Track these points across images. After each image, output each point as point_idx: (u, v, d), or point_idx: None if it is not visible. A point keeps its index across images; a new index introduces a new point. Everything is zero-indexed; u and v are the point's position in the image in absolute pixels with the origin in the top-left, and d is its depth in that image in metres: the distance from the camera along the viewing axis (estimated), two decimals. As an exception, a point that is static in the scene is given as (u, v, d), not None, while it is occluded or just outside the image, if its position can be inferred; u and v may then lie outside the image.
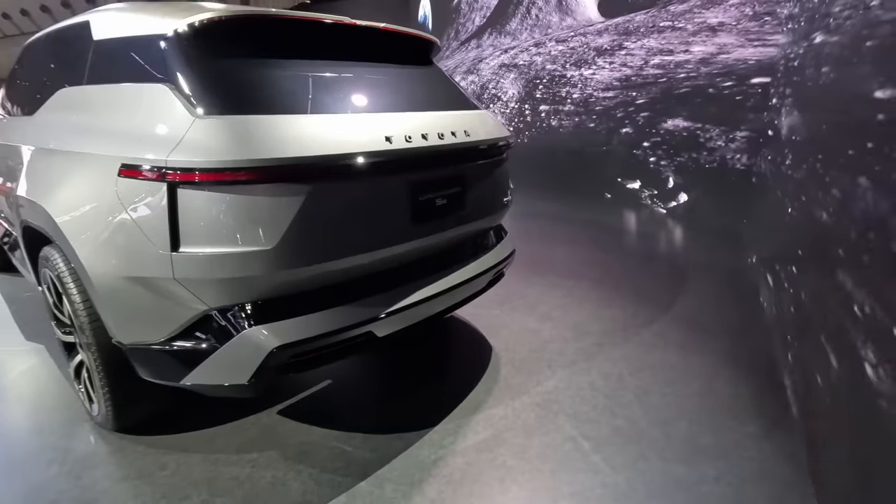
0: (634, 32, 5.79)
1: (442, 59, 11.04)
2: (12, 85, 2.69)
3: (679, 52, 5.21)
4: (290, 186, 1.38)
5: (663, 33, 5.45)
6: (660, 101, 5.41)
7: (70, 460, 1.79)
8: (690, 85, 5.10)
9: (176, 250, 1.37)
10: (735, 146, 4.71)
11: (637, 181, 5.49)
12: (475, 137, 1.89)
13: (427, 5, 11.96)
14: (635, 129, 5.59)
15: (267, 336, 1.44)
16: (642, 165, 5.56)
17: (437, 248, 1.91)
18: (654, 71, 5.48)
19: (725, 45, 4.85)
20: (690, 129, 5.06)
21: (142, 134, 1.45)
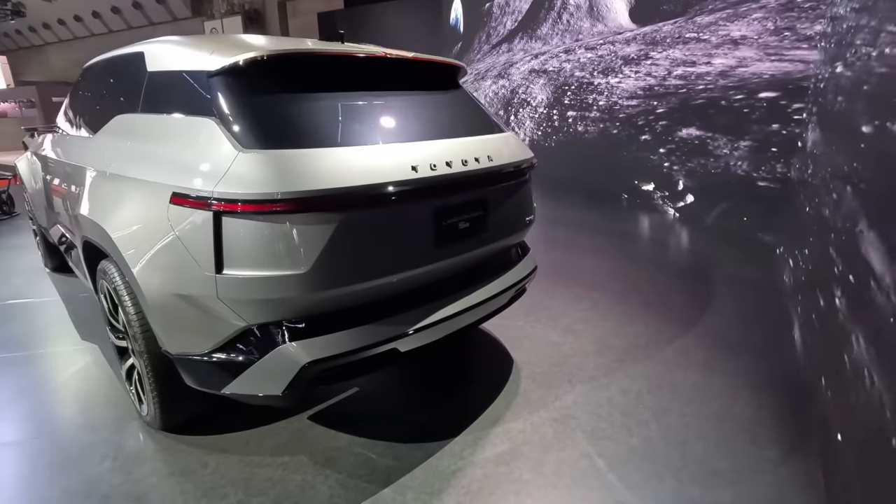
0: (661, 42, 5.94)
1: (473, 63, 11.12)
2: (74, 103, 2.91)
3: (701, 63, 5.38)
4: (322, 215, 1.49)
5: (688, 44, 5.60)
6: (677, 110, 5.67)
7: (121, 456, 1.96)
8: (706, 97, 5.33)
9: (220, 272, 1.50)
10: (738, 154, 5.04)
11: (651, 183, 5.86)
12: (498, 162, 1.96)
13: (459, 8, 12.05)
14: (653, 137, 5.90)
15: (300, 351, 1.56)
16: (657, 169, 5.89)
17: (459, 268, 2.00)
18: (675, 81, 5.67)
19: (745, 58, 5.00)
20: (701, 137, 5.39)
21: (191, 165, 1.58)
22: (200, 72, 1.71)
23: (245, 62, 1.65)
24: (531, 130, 8.57)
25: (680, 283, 3.74)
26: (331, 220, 1.50)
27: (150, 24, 23.16)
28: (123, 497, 1.76)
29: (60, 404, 2.36)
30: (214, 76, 1.67)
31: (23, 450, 2.02)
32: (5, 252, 4.82)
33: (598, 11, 7.06)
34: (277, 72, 1.70)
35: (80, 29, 25.53)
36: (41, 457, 1.97)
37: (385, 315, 1.73)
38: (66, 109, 3.04)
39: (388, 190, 1.58)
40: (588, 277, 3.91)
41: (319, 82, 1.77)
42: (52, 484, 1.82)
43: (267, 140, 1.53)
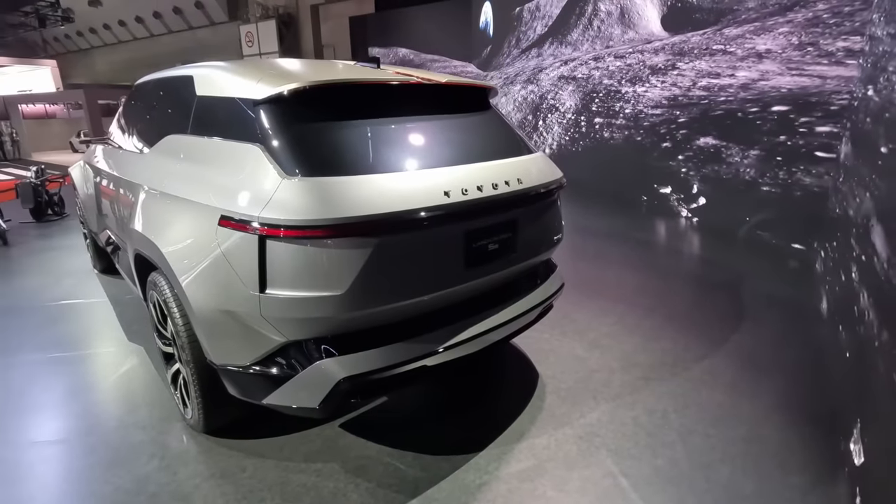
0: (688, 53, 6.06)
1: (502, 67, 11.13)
2: (126, 118, 3.09)
3: (725, 75, 5.54)
4: (358, 240, 1.58)
5: (714, 56, 5.72)
6: (697, 120, 5.89)
7: (167, 456, 2.10)
8: (725, 108, 5.54)
9: (263, 291, 1.60)
10: (747, 162, 5.29)
11: (668, 187, 6.18)
12: (527, 184, 2.01)
13: (489, 12, 12.07)
14: (673, 144, 6.18)
15: (336, 367, 1.65)
16: (675, 175, 6.18)
17: (488, 287, 2.06)
18: (699, 92, 5.84)
19: (767, 72, 5.13)
20: (717, 146, 5.66)
21: (239, 189, 1.69)
22: (247, 100, 1.82)
23: (289, 92, 1.74)
24: (559, 135, 8.58)
25: (709, 298, 3.70)
26: (366, 245, 1.58)
27: (189, 28, 24.00)
28: (170, 496, 1.88)
29: (110, 404, 2.52)
30: (260, 104, 1.77)
31: (77, 446, 2.18)
32: (58, 253, 5.11)
33: (629, 19, 7.01)
34: (318, 100, 1.80)
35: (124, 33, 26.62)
36: (94, 454, 2.12)
37: (416, 333, 1.81)
38: (118, 123, 3.22)
39: (420, 215, 1.65)
40: (614, 290, 3.90)
41: (357, 110, 1.85)
42: (105, 481, 1.96)
43: (309, 168, 1.62)
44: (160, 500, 1.86)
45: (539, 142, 9.06)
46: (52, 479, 2.00)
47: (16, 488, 1.96)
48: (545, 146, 8.85)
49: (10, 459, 2.11)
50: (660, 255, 5.00)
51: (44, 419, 2.39)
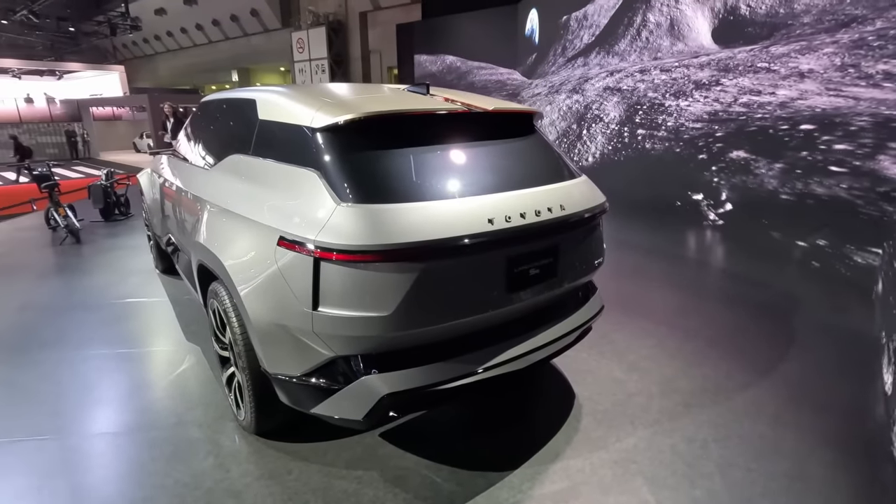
0: (733, 70, 6.15)
1: (547, 75, 11.09)
2: (193, 133, 3.32)
3: (766, 93, 5.67)
4: (404, 265, 1.66)
5: (758, 74, 5.82)
6: (733, 135, 6.06)
7: (221, 454, 2.25)
8: (759, 125, 5.73)
9: (315, 309, 1.71)
10: (771, 174, 5.54)
11: (700, 194, 6.38)
12: (569, 210, 2.05)
13: (535, 20, 12.05)
14: (709, 156, 6.37)
15: (380, 383, 1.74)
16: (709, 184, 6.39)
17: (528, 310, 2.10)
18: (738, 109, 5.96)
19: (806, 91, 5.22)
20: (746, 159, 5.86)
21: (297, 212, 1.81)
22: (307, 127, 1.94)
23: (345, 122, 1.86)
24: (602, 145, 8.54)
25: (755, 322, 3.59)
26: (412, 270, 1.67)
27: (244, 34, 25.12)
28: (223, 493, 2.02)
29: (170, 400, 2.71)
30: (318, 132, 1.89)
31: (141, 440, 2.37)
32: (124, 252, 5.50)
33: (678, 31, 6.89)
34: (371, 129, 1.90)
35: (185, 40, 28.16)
36: (156, 447, 2.30)
37: (457, 354, 1.88)
38: (185, 137, 3.46)
39: (464, 242, 1.72)
40: (655, 310, 3.85)
41: (406, 138, 1.94)
42: (167, 474, 2.13)
43: (361, 195, 1.72)
44: (215, 496, 2.00)
45: (582, 150, 9.01)
46: (118, 470, 2.19)
47: (85, 477, 2.16)
48: (588, 155, 8.81)
49: (80, 449, 2.32)
50: (703, 273, 4.88)
51: (110, 412, 2.60)
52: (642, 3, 7.74)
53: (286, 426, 2.36)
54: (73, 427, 2.46)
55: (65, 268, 5.09)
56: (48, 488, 2.06)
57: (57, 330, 3.54)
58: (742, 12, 6.15)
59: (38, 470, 2.17)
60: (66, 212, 5.81)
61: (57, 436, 2.38)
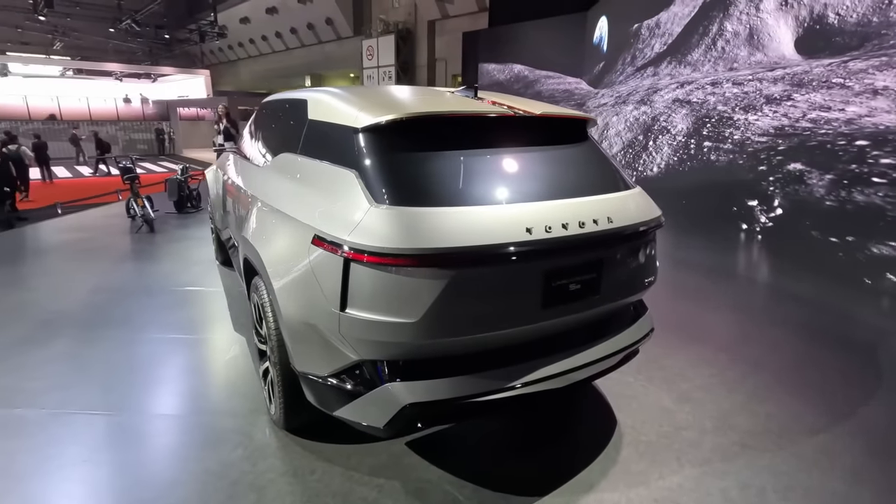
0: (807, 85, 6.00)
1: (614, 84, 10.72)
2: (253, 131, 3.45)
3: (835, 110, 5.52)
4: (436, 271, 1.60)
5: (831, 89, 5.65)
6: (795, 149, 6.00)
7: (251, 447, 2.28)
8: (820, 140, 5.67)
9: (343, 310, 1.69)
10: (821, 184, 5.51)
11: (755, 200, 6.34)
12: (618, 224, 1.90)
13: (604, 27, 11.70)
14: (768, 168, 6.32)
15: (403, 392, 1.68)
16: (764, 193, 6.36)
17: (567, 328, 1.97)
18: (805, 124, 5.87)
19: (875, 108, 5.05)
20: (801, 171, 5.83)
21: (332, 211, 1.80)
22: (348, 127, 1.93)
23: (387, 122, 1.83)
24: (667, 156, 8.26)
25: (832, 356, 3.21)
26: (443, 276, 1.60)
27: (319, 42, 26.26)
28: (247, 486, 2.04)
29: (212, 388, 2.80)
30: (360, 132, 1.87)
31: (180, 423, 2.45)
32: (191, 242, 5.84)
33: (758, 40, 6.44)
34: (413, 131, 1.86)
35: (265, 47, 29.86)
36: (192, 433, 2.37)
37: (488, 367, 1.79)
38: (246, 135, 3.61)
39: (499, 251, 1.64)
40: (717, 337, 3.55)
41: (449, 141, 1.88)
42: (198, 460, 2.19)
43: (396, 197, 1.68)
44: (238, 489, 2.02)
45: (647, 161, 8.70)
46: (153, 451, 2.27)
47: (125, 454, 2.24)
48: (653, 166, 8.48)
49: (124, 426, 2.42)
50: (774, 297, 4.45)
51: (156, 394, 2.72)
52: (720, 12, 7.32)
53: (314, 424, 2.36)
54: (121, 404, 2.59)
55: (136, 254, 5.47)
56: (92, 461, 2.17)
57: (122, 312, 3.78)
58: (830, 21, 5.68)
59: (85, 443, 2.29)
60: (143, 202, 6.26)
61: (106, 411, 2.52)
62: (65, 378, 2.82)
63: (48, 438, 2.32)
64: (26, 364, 2.98)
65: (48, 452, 2.22)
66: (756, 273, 5.17)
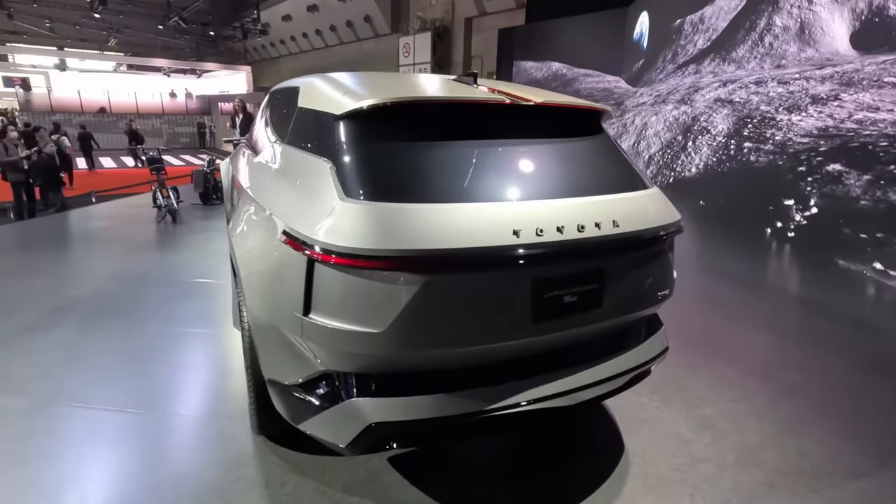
0: (856, 84, 5.55)
1: (654, 83, 10.24)
2: (256, 122, 3.35)
3: (884, 110, 5.17)
4: (403, 276, 1.42)
5: (882, 89, 5.23)
6: (836, 149, 5.60)
7: (229, 452, 2.15)
8: (862, 141, 5.29)
9: (307, 315, 1.53)
10: (859, 185, 5.20)
11: (792, 199, 6.06)
12: (625, 228, 1.67)
13: (645, 23, 11.20)
14: (807, 168, 5.98)
15: (369, 410, 1.51)
16: (802, 192, 6.02)
17: (563, 345, 1.75)
18: (850, 125, 5.45)
19: None
20: (840, 171, 5.48)
21: (302, 206, 1.64)
22: (328, 114, 1.77)
23: (368, 108, 1.65)
24: (706, 156, 7.90)
25: (884, 386, 2.84)
26: (413, 282, 1.42)
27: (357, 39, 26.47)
28: (216, 495, 1.91)
29: (203, 387, 2.71)
30: (338, 119, 1.71)
31: (162, 422, 2.35)
32: (211, 234, 5.86)
33: (810, 35, 5.93)
34: (398, 118, 1.68)
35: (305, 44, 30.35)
36: (172, 433, 2.28)
37: (466, 386, 1.59)
38: (253, 127, 3.52)
39: (478, 256, 1.44)
40: (748, 356, 3.21)
41: (437, 131, 1.70)
42: (170, 462, 2.09)
43: (368, 191, 1.51)
44: (206, 497, 1.90)
45: (685, 161, 8.28)
46: (136, 449, 2.17)
47: (105, 450, 2.16)
48: (691, 166, 8.08)
49: (108, 422, 2.35)
50: (817, 313, 4.02)
51: (148, 390, 2.63)
52: (769, 5, 6.81)
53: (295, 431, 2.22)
54: (104, 399, 2.52)
55: (156, 243, 5.53)
56: (59, 456, 2.10)
57: (130, 302, 3.77)
58: (891, 13, 5.13)
59: (57, 436, 2.23)
60: (168, 193, 6.34)
61: (90, 406, 2.45)
62: (56, 369, 2.79)
63: (23, 430, 2.26)
64: (25, 352, 2.97)
65: (20, 444, 2.17)
66: (797, 285, 4.74)
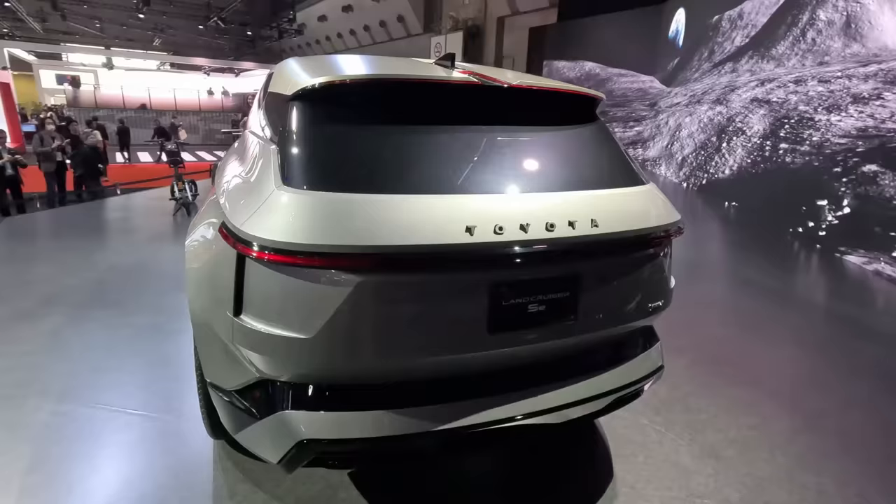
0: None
1: (688, 82, 9.78)
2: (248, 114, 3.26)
3: None
4: (337, 277, 1.24)
5: None
6: (874, 150, 5.39)
7: (184, 457, 2.03)
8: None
9: (237, 316, 1.37)
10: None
11: (825, 200, 5.84)
12: (606, 229, 1.45)
13: (681, 20, 10.73)
14: (843, 169, 5.75)
15: (300, 425, 1.34)
16: (836, 194, 5.79)
17: (531, 361, 1.54)
18: (891, 125, 5.17)
19: None
20: (876, 172, 5.25)
21: (242, 195, 1.50)
22: (283, 95, 1.62)
23: (320, 86, 1.49)
24: (741, 158, 7.59)
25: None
26: (344, 284, 1.24)
27: (390, 39, 26.60)
28: (156, 502, 1.79)
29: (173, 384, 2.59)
30: (290, 101, 1.55)
31: (125, 420, 2.25)
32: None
33: (856, 29, 5.47)
34: (351, 99, 1.51)
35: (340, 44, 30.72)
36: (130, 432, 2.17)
37: (413, 403, 1.40)
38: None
39: (421, 256, 1.25)
40: (770, 377, 2.89)
41: (395, 113, 1.52)
42: (118, 462, 1.98)
43: (306, 179, 1.34)
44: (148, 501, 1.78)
45: (719, 163, 7.91)
46: (96, 446, 2.08)
47: (63, 447, 2.07)
48: (725, 168, 7.70)
49: (72, 417, 2.27)
50: (860, 335, 3.63)
51: (115, 386, 2.53)
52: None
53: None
54: (69, 393, 2.43)
55: (164, 235, 5.55)
56: (15, 452, 2.02)
57: (123, 292, 3.74)
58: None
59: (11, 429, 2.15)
60: (183, 186, 6.39)
61: (52, 398, 2.37)
62: (32, 358, 2.75)
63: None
64: (5, 340, 2.95)
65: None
66: (837, 298, 4.32)
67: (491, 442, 1.49)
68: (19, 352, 2.80)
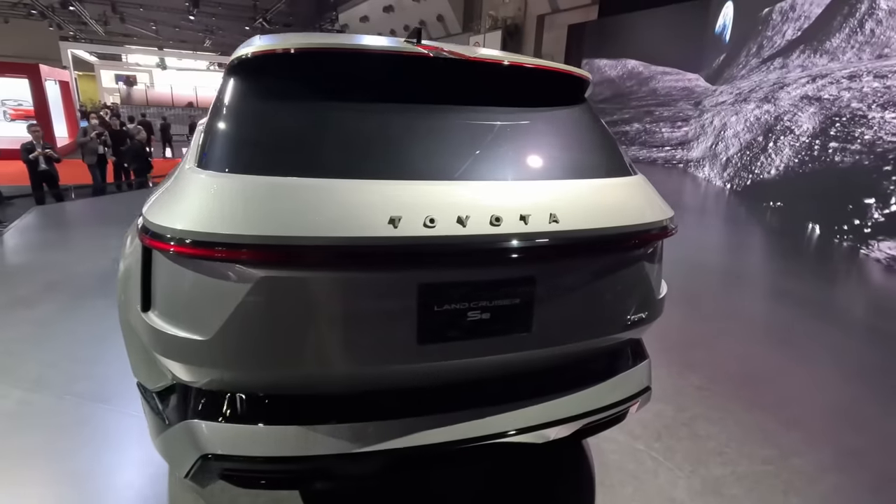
0: None
1: (735, 80, 9.17)
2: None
3: None
4: (235, 270, 1.08)
5: None
6: None
7: (135, 453, 1.95)
8: None
9: (145, 312, 1.24)
10: None
11: (872, 198, 5.62)
12: (568, 225, 1.22)
13: (729, 14, 10.10)
14: (893, 168, 5.42)
15: (205, 437, 1.20)
16: (884, 192, 5.46)
17: (478, 377, 1.34)
18: None
19: None
20: None
21: (166, 181, 1.37)
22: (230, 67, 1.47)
23: (253, 55, 1.34)
24: (788, 157, 7.05)
25: None
26: (246, 279, 1.08)
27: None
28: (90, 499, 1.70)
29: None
30: (226, 74, 1.41)
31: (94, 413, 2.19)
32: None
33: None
34: (291, 72, 1.35)
35: (387, 43, 31.04)
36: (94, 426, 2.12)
37: (335, 420, 1.23)
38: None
39: (335, 250, 1.07)
40: (793, 403, 2.54)
41: (335, 89, 1.35)
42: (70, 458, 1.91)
43: (218, 160, 1.20)
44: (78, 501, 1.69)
45: (765, 162, 7.36)
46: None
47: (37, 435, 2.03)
48: (771, 168, 7.19)
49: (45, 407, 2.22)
50: None
51: (93, 377, 2.49)
52: (873, -15, 5.76)
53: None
54: (49, 385, 2.40)
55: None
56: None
57: (126, 282, 3.75)
58: None
59: None
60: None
61: (26, 389, 2.34)
62: (18, 345, 2.75)
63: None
64: (0, 325, 2.98)
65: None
66: (886, 317, 3.84)
67: (432, 466, 1.29)
68: (4, 338, 2.81)
